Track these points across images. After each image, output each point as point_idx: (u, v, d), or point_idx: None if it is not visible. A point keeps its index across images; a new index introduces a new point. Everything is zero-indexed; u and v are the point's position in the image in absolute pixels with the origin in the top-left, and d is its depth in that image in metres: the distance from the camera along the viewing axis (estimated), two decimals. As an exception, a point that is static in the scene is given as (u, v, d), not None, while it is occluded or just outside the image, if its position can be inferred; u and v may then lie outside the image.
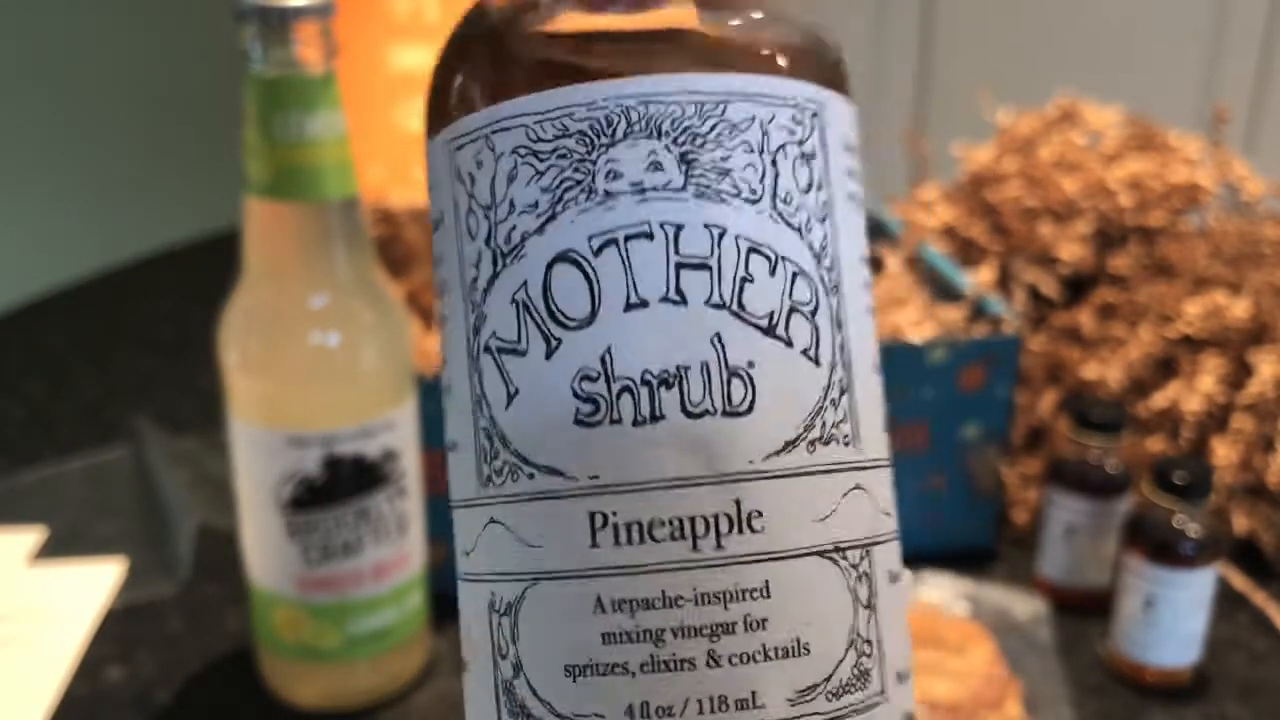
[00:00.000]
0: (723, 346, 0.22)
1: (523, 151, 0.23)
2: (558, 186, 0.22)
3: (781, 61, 0.23)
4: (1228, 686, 0.59)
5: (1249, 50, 1.69)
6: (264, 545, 0.53)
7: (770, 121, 0.23)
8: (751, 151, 0.23)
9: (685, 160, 0.22)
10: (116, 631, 0.62)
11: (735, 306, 0.22)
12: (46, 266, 1.27)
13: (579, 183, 0.22)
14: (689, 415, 0.22)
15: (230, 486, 0.55)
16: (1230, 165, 0.79)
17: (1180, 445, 0.70)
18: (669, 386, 0.22)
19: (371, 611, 0.54)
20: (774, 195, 0.23)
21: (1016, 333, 0.64)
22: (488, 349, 0.23)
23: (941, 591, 0.65)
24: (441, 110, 0.24)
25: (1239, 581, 0.66)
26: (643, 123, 0.22)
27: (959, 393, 0.64)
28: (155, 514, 0.72)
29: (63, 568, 0.67)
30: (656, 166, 0.22)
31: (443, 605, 0.59)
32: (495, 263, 0.23)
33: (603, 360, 0.22)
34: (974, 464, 0.67)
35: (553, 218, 0.22)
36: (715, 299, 0.22)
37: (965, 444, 0.66)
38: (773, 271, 0.22)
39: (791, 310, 0.23)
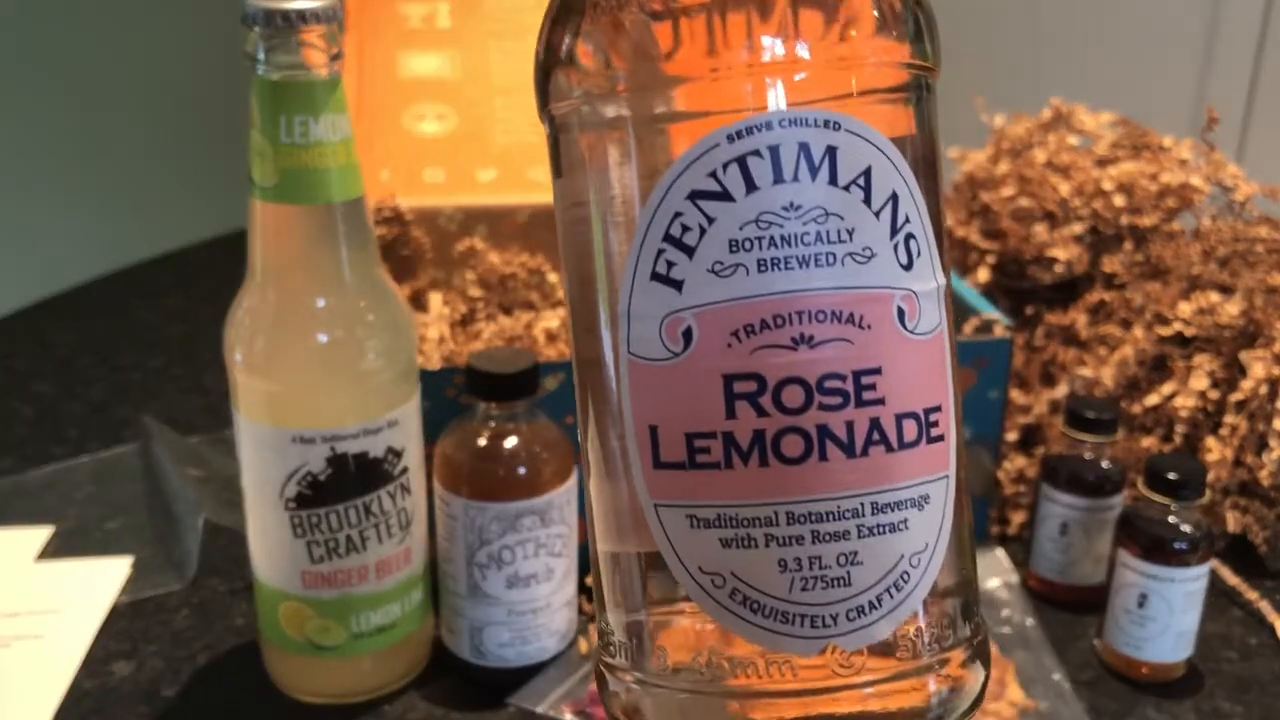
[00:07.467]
0: None
1: None
2: None
3: None
4: (1220, 682, 0.60)
5: (1241, 55, 1.69)
6: (269, 542, 0.54)
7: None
8: None
9: None
10: (124, 627, 0.62)
11: None
12: (55, 267, 1.28)
13: None
14: None
15: (236, 484, 0.55)
16: (1222, 167, 0.79)
17: (1174, 443, 0.71)
18: None
19: (375, 607, 0.55)
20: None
21: (1007, 335, 0.64)
22: None
23: None
24: None
25: (1231, 578, 0.66)
26: None
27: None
28: (162, 511, 0.72)
29: (71, 564, 0.67)
30: None
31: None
32: None
33: None
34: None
35: None
36: None
37: None
38: None
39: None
